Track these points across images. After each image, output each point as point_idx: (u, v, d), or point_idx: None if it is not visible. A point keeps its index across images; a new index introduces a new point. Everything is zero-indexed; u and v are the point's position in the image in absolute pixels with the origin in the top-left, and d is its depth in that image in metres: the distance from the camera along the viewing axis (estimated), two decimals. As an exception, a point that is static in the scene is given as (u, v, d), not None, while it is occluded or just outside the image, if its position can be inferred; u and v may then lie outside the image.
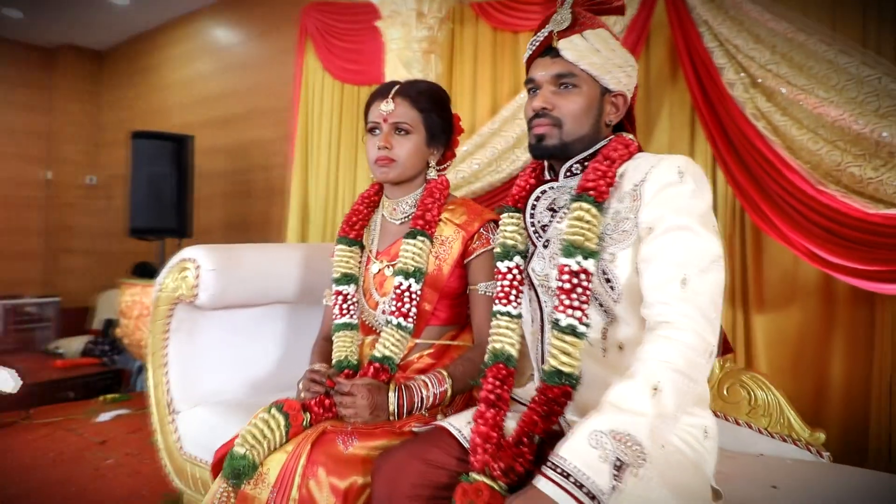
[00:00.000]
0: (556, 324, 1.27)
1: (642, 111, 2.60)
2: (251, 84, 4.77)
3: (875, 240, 2.05)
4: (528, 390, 1.49)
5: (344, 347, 1.64)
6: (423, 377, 1.51)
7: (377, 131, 1.65)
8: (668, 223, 1.21)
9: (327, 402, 1.46)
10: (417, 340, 1.64)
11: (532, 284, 1.43)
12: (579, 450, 1.04)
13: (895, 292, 2.11)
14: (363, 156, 3.72)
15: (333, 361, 1.63)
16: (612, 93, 1.39)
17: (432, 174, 1.71)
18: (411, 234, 1.60)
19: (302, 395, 1.52)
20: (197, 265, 1.91)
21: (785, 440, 1.70)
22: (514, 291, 1.42)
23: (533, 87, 1.41)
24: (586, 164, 1.39)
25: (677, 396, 1.10)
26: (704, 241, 1.20)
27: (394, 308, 1.58)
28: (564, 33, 1.36)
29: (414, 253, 1.58)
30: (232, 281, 1.96)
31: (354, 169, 3.79)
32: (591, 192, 1.29)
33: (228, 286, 1.94)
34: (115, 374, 4.78)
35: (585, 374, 1.28)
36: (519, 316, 1.42)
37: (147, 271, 4.69)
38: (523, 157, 2.96)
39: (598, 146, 1.39)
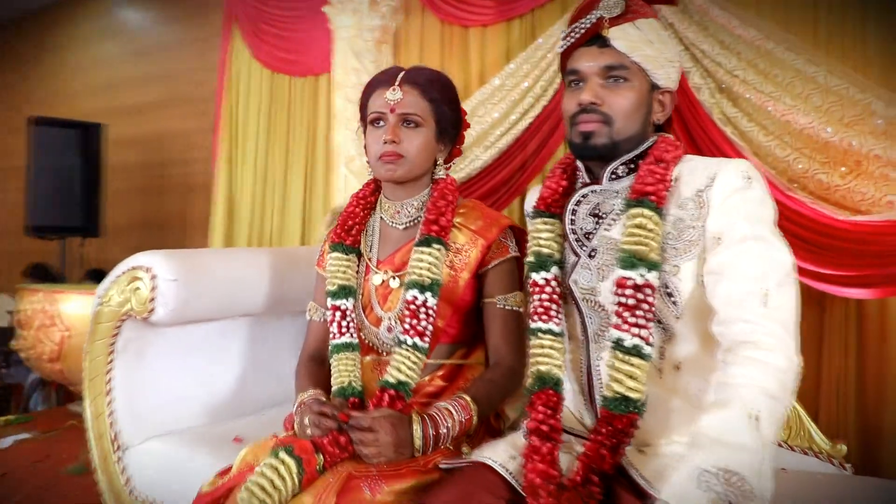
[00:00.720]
0: (618, 344, 1.14)
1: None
2: (168, 70, 4.40)
3: (843, 245, 2.09)
4: (565, 416, 1.34)
5: (346, 372, 1.42)
6: (444, 404, 1.32)
7: (381, 123, 1.45)
8: (741, 232, 1.13)
9: (342, 439, 1.24)
10: (428, 360, 1.43)
11: (574, 298, 1.29)
12: (688, 494, 0.91)
13: (860, 296, 2.17)
14: (295, 150, 3.51)
15: (334, 388, 1.41)
16: (661, 89, 1.28)
17: (440, 173, 1.53)
18: (425, 242, 1.41)
19: (308, 431, 1.28)
20: (152, 274, 1.62)
21: (806, 453, 1.65)
22: (553, 306, 1.28)
23: (576, 79, 1.27)
24: (632, 166, 1.27)
25: (773, 425, 1.01)
26: (779, 252, 1.14)
27: (407, 326, 1.37)
28: (616, 21, 1.23)
29: (430, 263, 1.38)
30: (195, 293, 1.68)
31: (285, 164, 3.58)
32: (652, 198, 1.16)
33: (191, 299, 1.67)
34: (5, 390, 4.26)
35: None
36: (562, 333, 1.27)
37: (45, 274, 4.25)
38: (483, 156, 2.88)
39: (643, 147, 1.28)
